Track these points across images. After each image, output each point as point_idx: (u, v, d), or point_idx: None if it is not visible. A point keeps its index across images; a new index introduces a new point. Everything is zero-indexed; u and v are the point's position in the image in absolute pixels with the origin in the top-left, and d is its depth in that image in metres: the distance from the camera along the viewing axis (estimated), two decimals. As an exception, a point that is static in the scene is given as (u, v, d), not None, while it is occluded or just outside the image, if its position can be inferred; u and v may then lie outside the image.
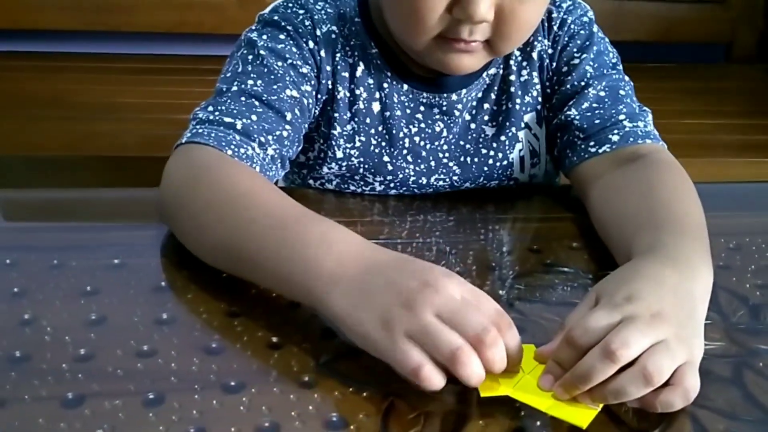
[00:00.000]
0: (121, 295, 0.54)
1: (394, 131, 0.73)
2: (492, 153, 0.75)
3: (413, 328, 0.43)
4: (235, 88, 0.65)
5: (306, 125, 0.70)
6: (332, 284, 0.47)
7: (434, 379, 0.43)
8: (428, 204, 0.73)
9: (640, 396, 0.43)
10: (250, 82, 0.66)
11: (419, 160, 0.74)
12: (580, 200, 0.70)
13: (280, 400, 0.44)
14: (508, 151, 0.75)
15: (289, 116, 0.66)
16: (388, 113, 0.72)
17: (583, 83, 0.72)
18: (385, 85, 0.71)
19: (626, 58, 0.76)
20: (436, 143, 0.74)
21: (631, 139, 0.68)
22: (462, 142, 0.75)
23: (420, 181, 0.75)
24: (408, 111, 0.73)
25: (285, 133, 0.66)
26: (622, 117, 0.69)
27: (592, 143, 0.69)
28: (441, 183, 0.76)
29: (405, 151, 0.74)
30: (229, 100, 0.64)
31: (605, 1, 1.83)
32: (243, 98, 0.65)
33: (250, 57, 0.67)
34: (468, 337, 0.43)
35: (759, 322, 0.54)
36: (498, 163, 0.75)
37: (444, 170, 0.75)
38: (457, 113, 0.73)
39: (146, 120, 1.41)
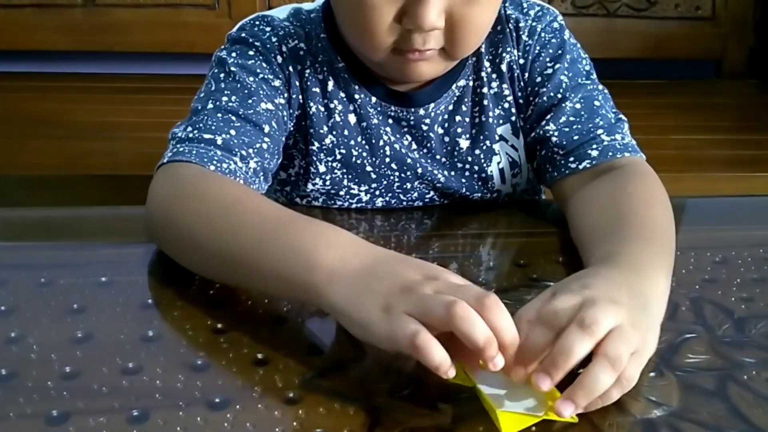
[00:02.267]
0: (108, 313, 0.54)
1: (373, 140, 0.73)
2: (468, 167, 0.75)
3: (411, 303, 0.44)
4: (210, 106, 0.66)
5: (283, 138, 0.70)
6: (333, 277, 0.47)
7: (432, 348, 0.42)
8: (413, 223, 0.74)
9: (611, 384, 0.44)
10: (225, 98, 0.66)
11: (404, 167, 0.74)
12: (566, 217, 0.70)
13: (264, 416, 0.44)
14: (485, 165, 0.75)
15: (267, 129, 0.67)
16: (365, 123, 0.73)
17: (559, 95, 0.72)
18: (356, 96, 0.72)
19: (617, 74, 0.77)
20: (411, 155, 0.74)
21: (610, 154, 0.68)
22: (438, 156, 0.75)
23: (404, 186, 0.75)
24: (379, 121, 0.73)
25: (265, 146, 0.66)
26: (600, 131, 0.70)
27: (571, 159, 0.70)
28: (424, 188, 0.76)
29: (388, 159, 0.74)
30: (206, 118, 0.65)
31: (596, 19, 1.85)
32: (220, 114, 0.65)
33: (222, 75, 0.68)
34: (469, 299, 0.44)
35: (744, 335, 0.55)
36: (476, 175, 0.75)
37: (429, 177, 0.75)
38: (425, 127, 0.73)
39: (140, 139, 1.42)
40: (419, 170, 0.74)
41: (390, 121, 0.73)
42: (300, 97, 0.71)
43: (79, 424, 0.43)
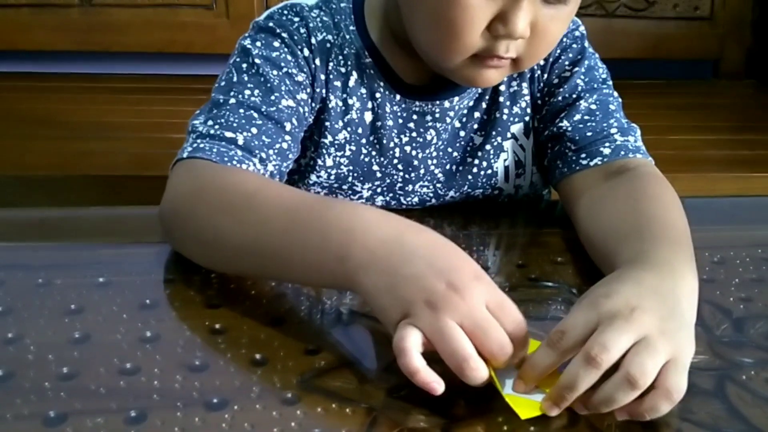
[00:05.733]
0: (106, 313, 0.54)
1: (384, 141, 0.73)
2: (477, 162, 0.75)
3: (430, 329, 0.45)
4: (233, 100, 0.65)
5: (302, 133, 0.70)
6: (360, 270, 0.48)
7: (430, 386, 0.44)
8: (414, 221, 0.74)
9: (629, 401, 0.43)
10: (248, 92, 0.66)
11: (410, 168, 0.75)
12: (565, 215, 0.70)
13: (263, 416, 0.44)
14: (492, 160, 0.75)
15: (288, 126, 0.66)
16: (379, 123, 0.72)
17: (574, 96, 0.72)
18: (378, 94, 0.72)
19: (615, 74, 0.77)
20: (427, 151, 0.75)
21: (622, 153, 0.69)
22: (450, 149, 0.75)
23: (406, 188, 0.76)
24: (400, 120, 0.73)
25: (285, 145, 0.66)
26: (613, 131, 0.70)
27: (583, 155, 0.70)
28: (425, 190, 0.76)
29: (395, 161, 0.74)
30: (228, 113, 0.64)
31: (594, 19, 1.85)
32: (242, 110, 0.65)
33: (245, 65, 0.67)
34: (485, 352, 0.45)
35: (742, 335, 0.55)
36: (482, 172, 0.76)
37: (429, 177, 0.75)
38: (448, 120, 0.74)
39: (137, 139, 1.42)
40: (422, 170, 0.75)
41: (414, 116, 0.73)
42: (323, 90, 0.70)
43: (76, 425, 0.43)
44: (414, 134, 0.74)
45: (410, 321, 0.45)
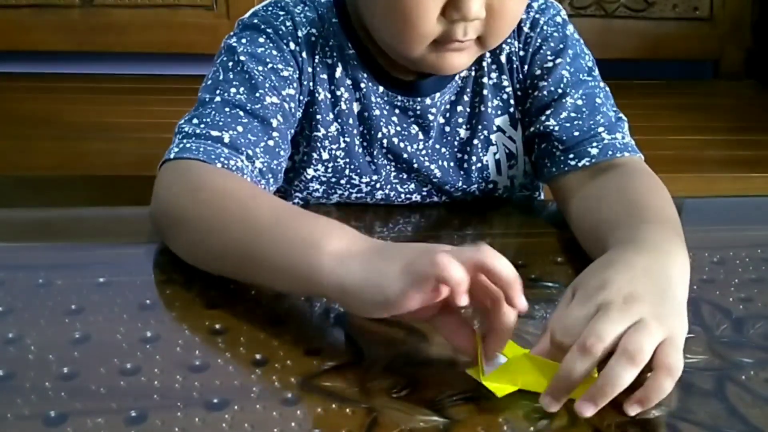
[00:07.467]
0: (106, 314, 0.54)
1: (372, 131, 0.73)
2: (466, 157, 0.75)
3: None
4: (218, 99, 0.65)
5: (292, 130, 0.70)
6: (345, 259, 0.48)
7: (454, 264, 0.44)
8: (410, 226, 0.74)
9: (631, 380, 0.44)
10: (233, 90, 0.66)
11: (401, 161, 0.75)
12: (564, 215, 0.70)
13: (263, 416, 0.44)
14: (481, 155, 0.75)
15: (274, 123, 0.66)
16: (366, 113, 0.73)
17: (560, 90, 0.72)
18: (362, 85, 0.72)
19: (615, 75, 0.77)
20: (415, 146, 0.75)
21: (610, 152, 0.69)
22: (438, 146, 0.75)
23: (401, 176, 0.76)
24: (385, 111, 0.73)
25: (272, 142, 0.66)
26: (600, 129, 0.70)
27: (571, 156, 0.70)
28: (422, 186, 0.76)
29: (384, 151, 0.74)
30: (213, 112, 0.65)
31: (594, 19, 1.85)
32: (227, 109, 0.65)
33: (230, 63, 0.68)
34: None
35: (742, 336, 0.55)
36: (473, 167, 0.76)
37: (425, 172, 0.75)
38: (431, 117, 0.74)
39: (138, 139, 1.42)
40: (415, 165, 0.75)
41: (396, 111, 0.73)
42: (310, 83, 0.71)
43: (76, 425, 0.43)
44: (399, 128, 0.74)
45: (414, 266, 0.45)
